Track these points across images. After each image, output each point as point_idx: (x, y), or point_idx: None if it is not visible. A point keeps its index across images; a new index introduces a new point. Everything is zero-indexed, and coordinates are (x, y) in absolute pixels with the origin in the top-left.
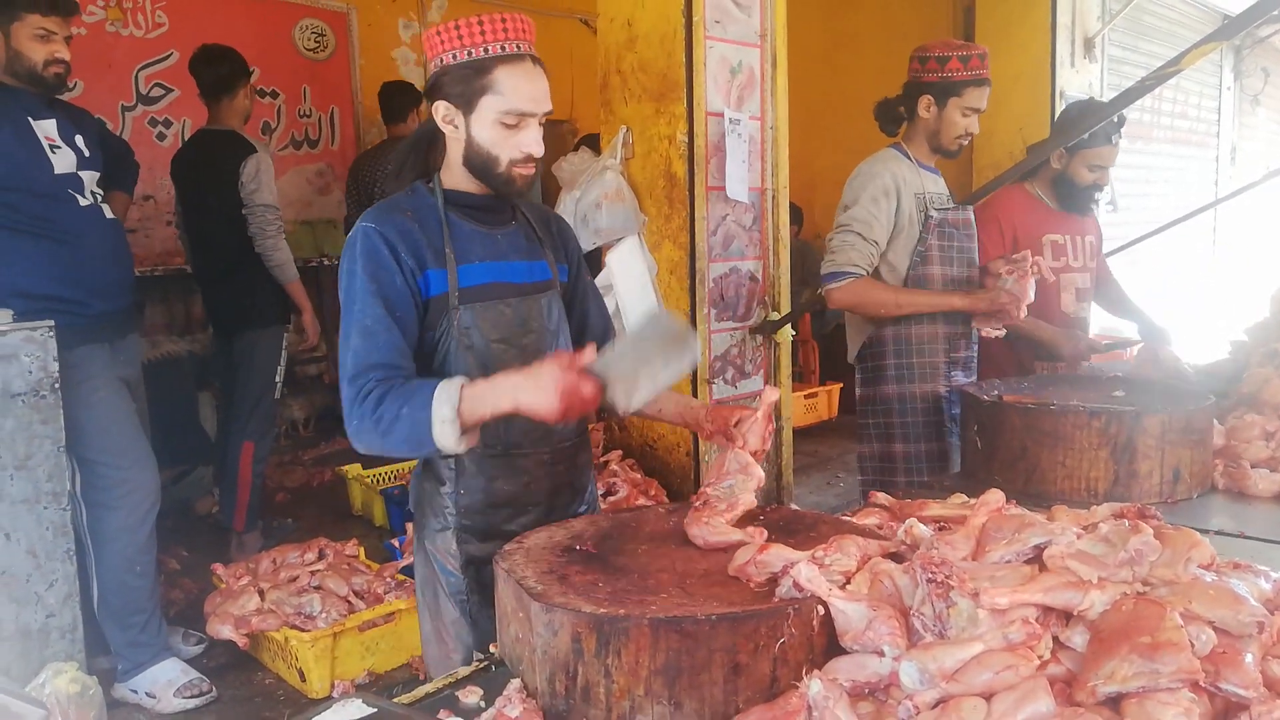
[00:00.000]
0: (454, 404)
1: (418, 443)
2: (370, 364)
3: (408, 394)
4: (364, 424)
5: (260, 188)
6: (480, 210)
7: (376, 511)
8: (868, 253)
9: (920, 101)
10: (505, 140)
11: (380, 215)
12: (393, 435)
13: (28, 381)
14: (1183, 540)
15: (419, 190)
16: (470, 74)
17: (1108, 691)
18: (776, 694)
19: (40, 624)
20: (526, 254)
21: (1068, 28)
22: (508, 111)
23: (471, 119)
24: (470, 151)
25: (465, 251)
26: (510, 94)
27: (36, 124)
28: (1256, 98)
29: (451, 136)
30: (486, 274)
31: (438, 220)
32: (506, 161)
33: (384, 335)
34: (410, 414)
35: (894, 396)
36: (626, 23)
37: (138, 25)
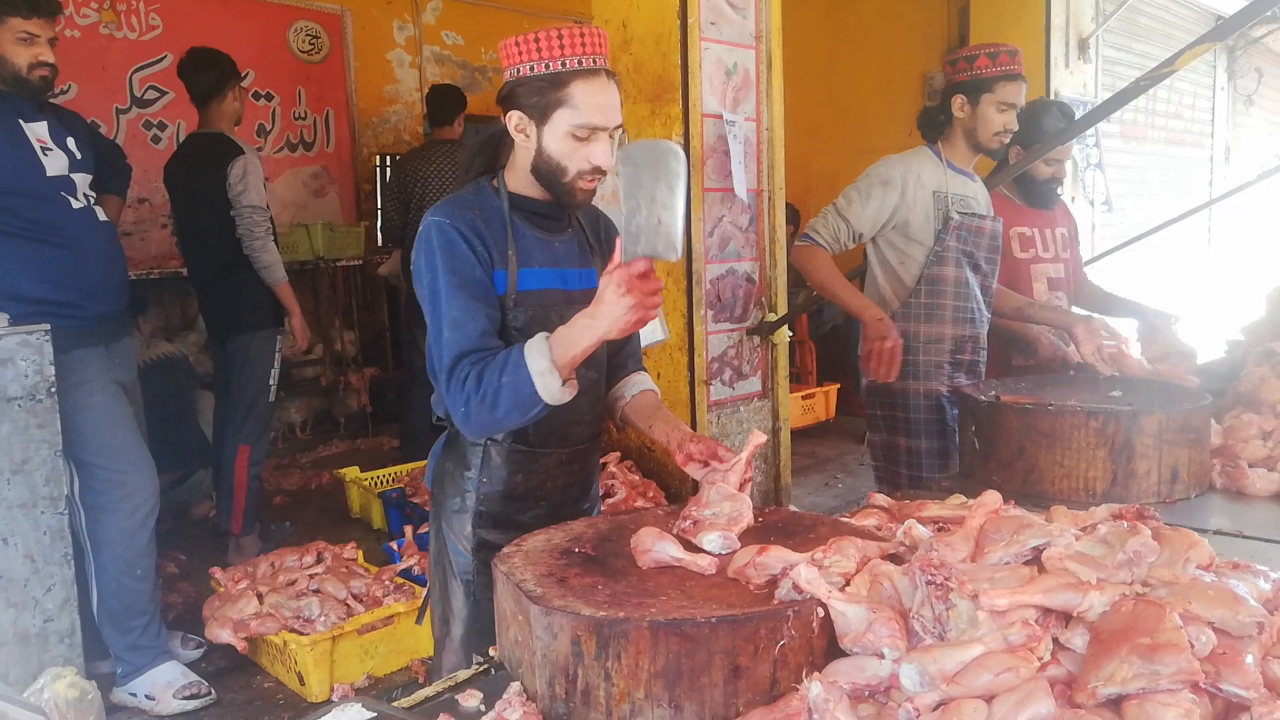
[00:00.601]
0: (547, 355)
1: (526, 404)
2: (462, 353)
3: (501, 364)
4: (471, 405)
5: (248, 189)
6: (541, 216)
7: (375, 514)
8: (834, 227)
9: (954, 102)
10: (575, 152)
11: (452, 210)
12: (500, 405)
13: (24, 386)
14: (1181, 541)
15: (484, 190)
16: (546, 86)
17: (1108, 693)
18: (777, 696)
19: (38, 629)
20: (579, 261)
21: (1062, 29)
22: (581, 125)
23: (544, 130)
24: (539, 160)
25: (526, 255)
26: (584, 108)
27: (28, 126)
28: (1250, 98)
29: (521, 144)
30: (543, 280)
31: (502, 222)
32: (574, 173)
33: (472, 324)
34: (511, 379)
35: (898, 391)
36: (621, 24)
37: (131, 28)
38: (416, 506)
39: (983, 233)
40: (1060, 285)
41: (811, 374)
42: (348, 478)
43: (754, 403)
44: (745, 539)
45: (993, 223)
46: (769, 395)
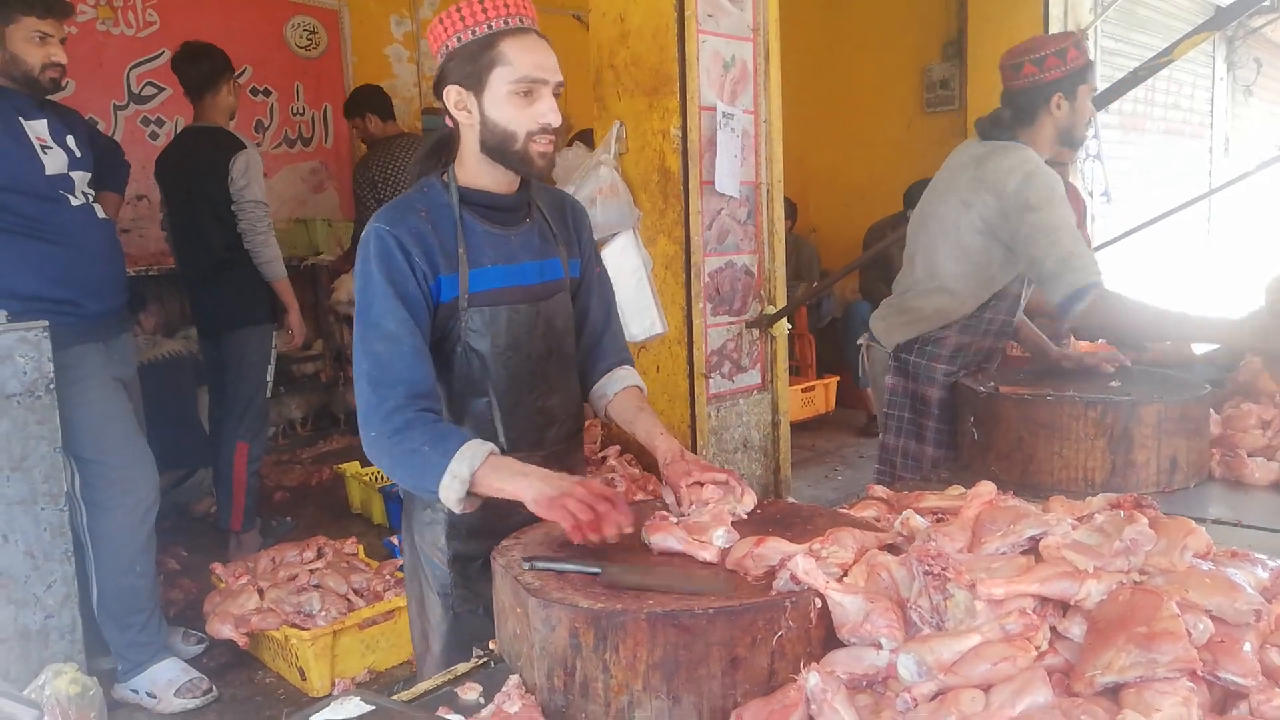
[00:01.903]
0: (473, 466)
1: (420, 482)
2: (397, 374)
3: (435, 436)
4: (380, 440)
5: (250, 184)
6: (495, 209)
7: (375, 509)
8: (1089, 252)
9: (1052, 101)
10: (520, 113)
11: (394, 216)
12: (402, 465)
13: (23, 382)
14: (1178, 528)
15: (433, 187)
16: (477, 50)
17: (1105, 682)
18: (774, 687)
19: (39, 625)
20: (539, 253)
21: (1060, 20)
22: (519, 80)
23: (484, 98)
24: (486, 133)
25: (477, 254)
26: (519, 63)
27: (28, 124)
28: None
29: (466, 123)
30: (497, 278)
31: (452, 220)
32: (524, 135)
33: (408, 340)
34: (429, 454)
35: (934, 401)
36: (619, 17)
37: (129, 24)
38: None
39: None
40: None
41: (811, 367)
42: (348, 473)
43: (753, 396)
44: (744, 530)
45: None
46: (768, 388)
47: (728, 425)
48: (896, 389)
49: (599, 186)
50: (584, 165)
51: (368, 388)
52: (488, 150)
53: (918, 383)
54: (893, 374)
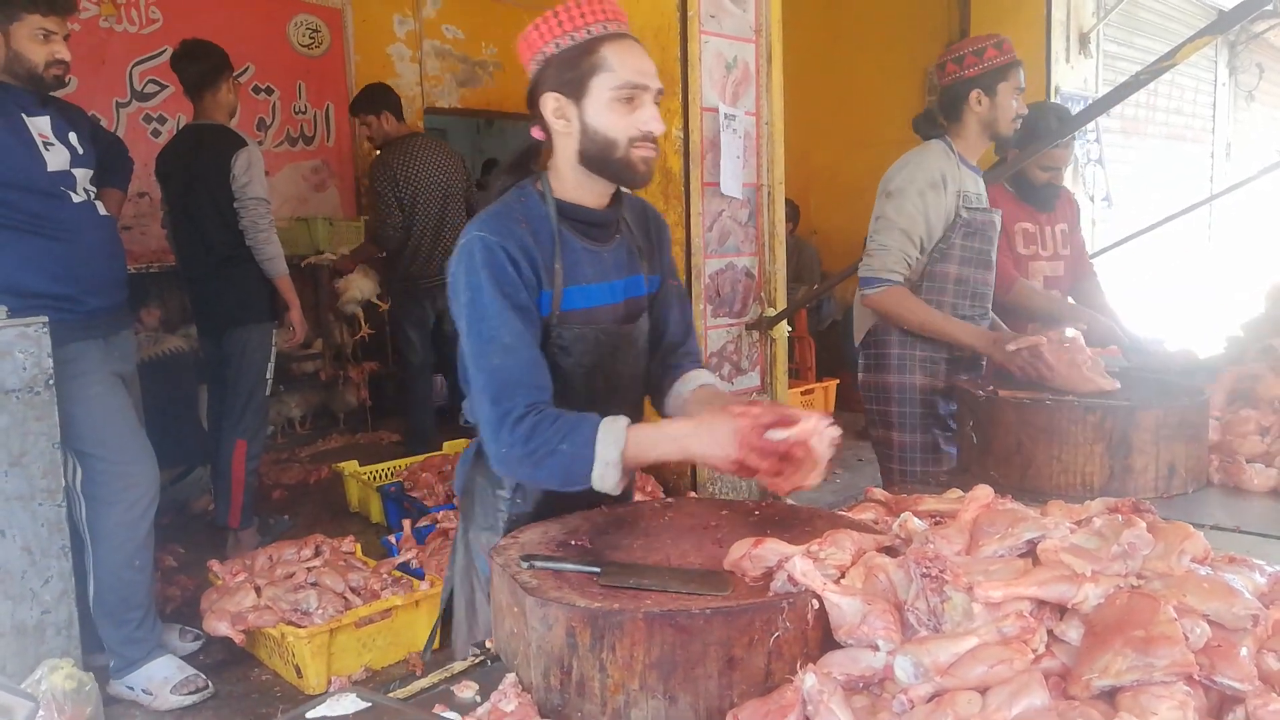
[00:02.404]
0: (620, 446)
1: (572, 480)
2: (516, 382)
3: (567, 428)
4: (514, 451)
5: (252, 181)
6: (590, 225)
7: (373, 508)
8: (905, 254)
9: (970, 98)
10: (622, 119)
11: (499, 227)
12: (545, 467)
13: (22, 378)
14: (1175, 533)
15: (530, 197)
16: (577, 56)
17: (1102, 685)
18: (771, 688)
19: (36, 620)
20: (627, 269)
21: (1062, 23)
22: (622, 86)
23: (584, 104)
24: (586, 141)
25: (573, 271)
26: (621, 69)
27: (30, 121)
28: (1251, 93)
29: (563, 132)
30: (590, 297)
31: (550, 234)
32: (625, 142)
33: (525, 352)
34: (570, 450)
35: (894, 386)
36: None
37: (131, 21)
38: (415, 500)
39: (985, 226)
40: (1056, 285)
41: (810, 369)
42: (346, 472)
43: (753, 397)
44: (744, 532)
45: (992, 214)
46: (768, 390)
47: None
48: (866, 384)
49: None
50: None
51: (489, 404)
52: (587, 160)
53: (879, 373)
54: (861, 370)
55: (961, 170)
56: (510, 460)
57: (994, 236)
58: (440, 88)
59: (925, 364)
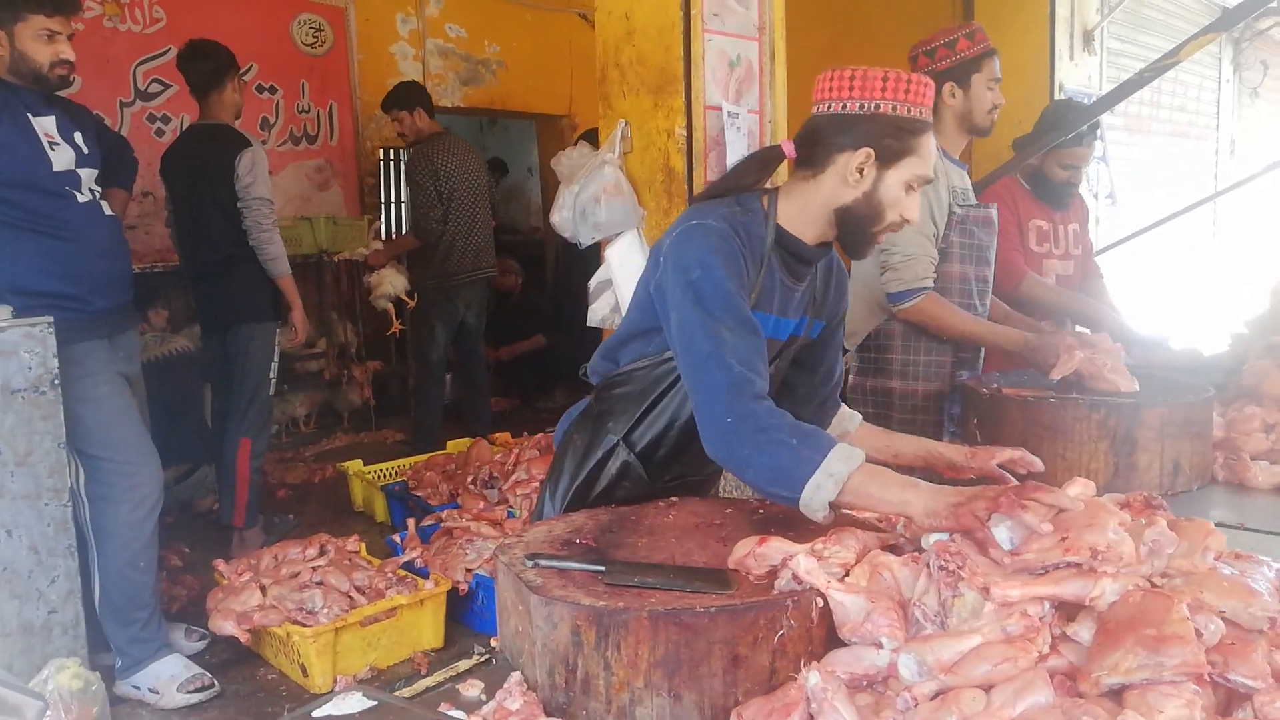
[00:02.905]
0: (851, 467)
1: (779, 479)
2: (753, 362)
3: (804, 431)
4: (744, 424)
5: (256, 181)
6: (797, 260)
7: (378, 507)
8: (930, 257)
9: (943, 91)
10: (899, 202)
11: (727, 223)
12: (764, 453)
13: (27, 378)
14: (1197, 530)
15: (754, 214)
16: (905, 132)
17: (1111, 683)
18: (775, 686)
19: (42, 620)
20: (804, 310)
21: (1066, 20)
22: (919, 177)
23: (887, 174)
24: (862, 204)
25: (765, 298)
26: (926, 161)
27: (36, 120)
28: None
29: (845, 183)
30: (768, 328)
31: (760, 256)
32: (886, 224)
33: (755, 338)
34: (799, 449)
35: (895, 392)
36: (624, 16)
37: (135, 21)
38: (419, 499)
39: (981, 222)
40: (1067, 284)
41: None
42: (351, 471)
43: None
44: (747, 531)
45: (987, 209)
46: None
47: None
48: (858, 387)
49: (603, 186)
50: (588, 165)
51: (723, 372)
52: (847, 215)
53: (877, 377)
54: (854, 373)
55: (946, 165)
56: (733, 431)
57: (992, 231)
58: (443, 86)
59: (929, 369)
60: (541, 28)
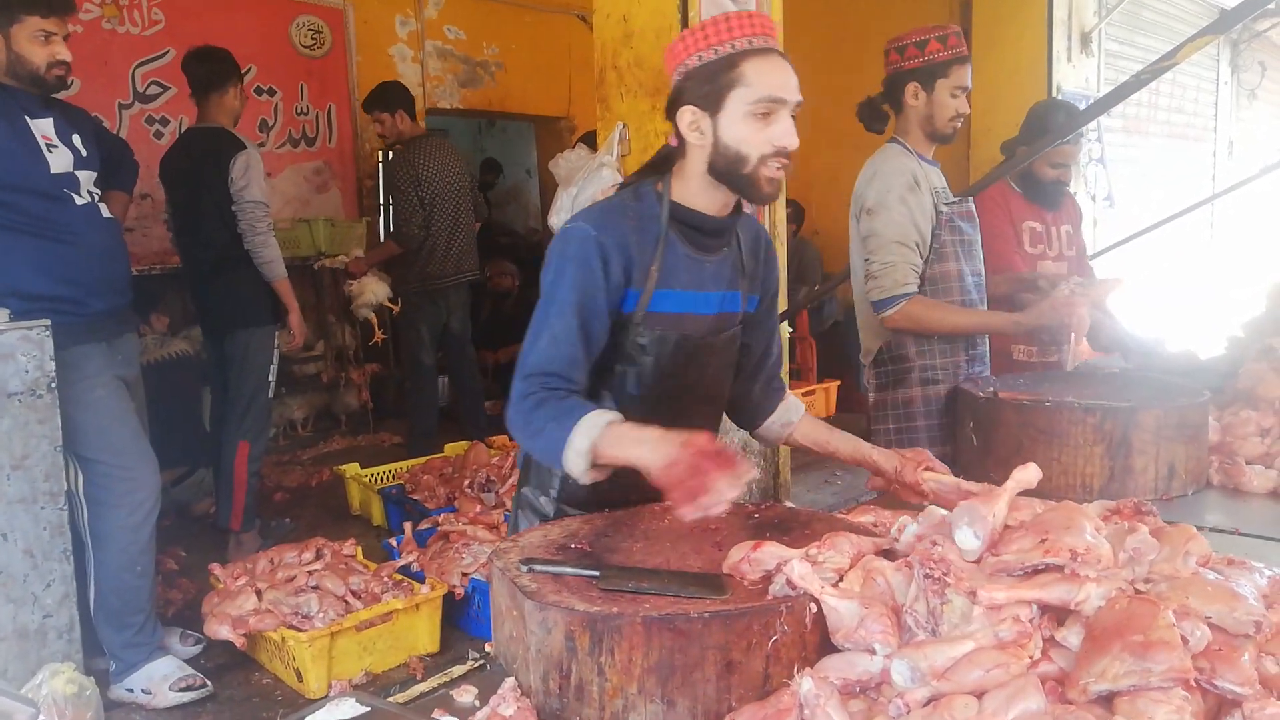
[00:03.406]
0: (591, 438)
1: (551, 458)
2: (546, 371)
3: (561, 411)
4: (517, 420)
5: (250, 184)
6: (701, 233)
7: (374, 511)
8: (911, 263)
9: (907, 90)
10: (756, 134)
11: (603, 220)
12: (535, 442)
13: (24, 381)
14: (1179, 535)
15: (647, 196)
16: (717, 70)
17: (1100, 690)
18: (769, 692)
19: (37, 624)
20: (726, 284)
21: (1064, 22)
22: (758, 100)
23: (719, 119)
24: (717, 155)
25: (669, 275)
26: (759, 84)
27: (34, 123)
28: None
29: (696, 144)
30: (680, 303)
31: (656, 235)
32: (756, 159)
33: (568, 349)
34: (554, 431)
35: (918, 400)
36: (622, 18)
37: (134, 23)
38: (416, 503)
39: (964, 217)
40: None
41: (812, 370)
42: (348, 474)
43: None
44: (741, 536)
45: (966, 204)
46: None
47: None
48: (880, 403)
49: (601, 188)
50: (587, 167)
51: (519, 377)
52: (715, 172)
53: (897, 389)
54: (874, 389)
55: (924, 167)
56: (515, 429)
57: (975, 224)
58: (442, 88)
59: (946, 370)
60: (540, 30)
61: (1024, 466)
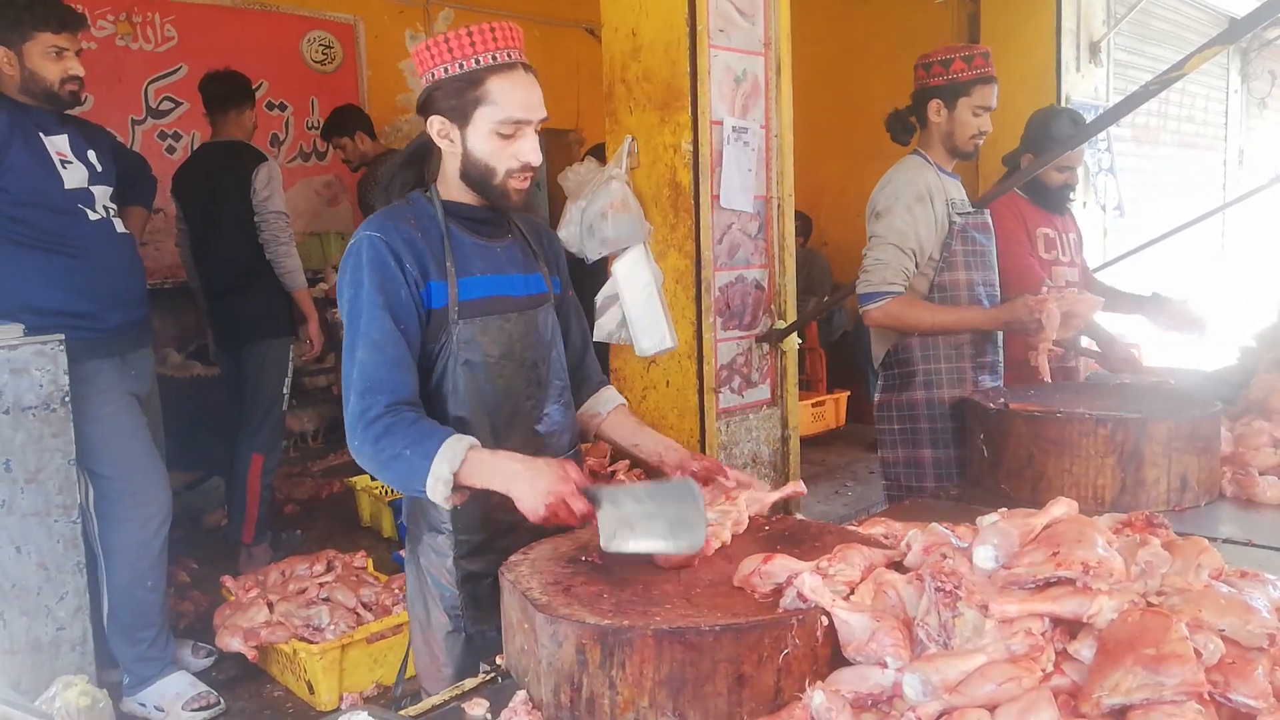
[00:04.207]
0: (454, 467)
1: (408, 485)
2: (378, 384)
3: (415, 437)
4: (364, 448)
5: (272, 195)
6: (479, 222)
7: (385, 523)
8: (903, 266)
9: (930, 106)
10: (502, 151)
11: (384, 223)
12: (388, 470)
13: (38, 395)
14: (1191, 548)
15: (418, 200)
16: (463, 86)
17: (1112, 703)
18: (780, 705)
19: (51, 637)
20: (524, 267)
21: (1073, 32)
22: (503, 121)
23: (467, 132)
24: (467, 164)
25: (465, 264)
26: (504, 103)
27: (48, 140)
28: (1264, 100)
29: (448, 151)
30: (486, 287)
31: (439, 231)
32: (504, 172)
33: (391, 350)
34: (411, 459)
35: (922, 402)
36: (631, 32)
37: (147, 39)
38: None
39: (979, 228)
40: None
41: (821, 381)
42: (358, 486)
43: (763, 410)
44: (754, 548)
45: (982, 215)
46: (778, 403)
47: (737, 440)
48: (884, 404)
49: (610, 201)
50: (595, 180)
51: (353, 396)
52: (467, 179)
53: (902, 392)
54: (880, 391)
55: (943, 179)
56: (361, 457)
57: (990, 236)
58: None
59: (951, 375)
60: (548, 43)
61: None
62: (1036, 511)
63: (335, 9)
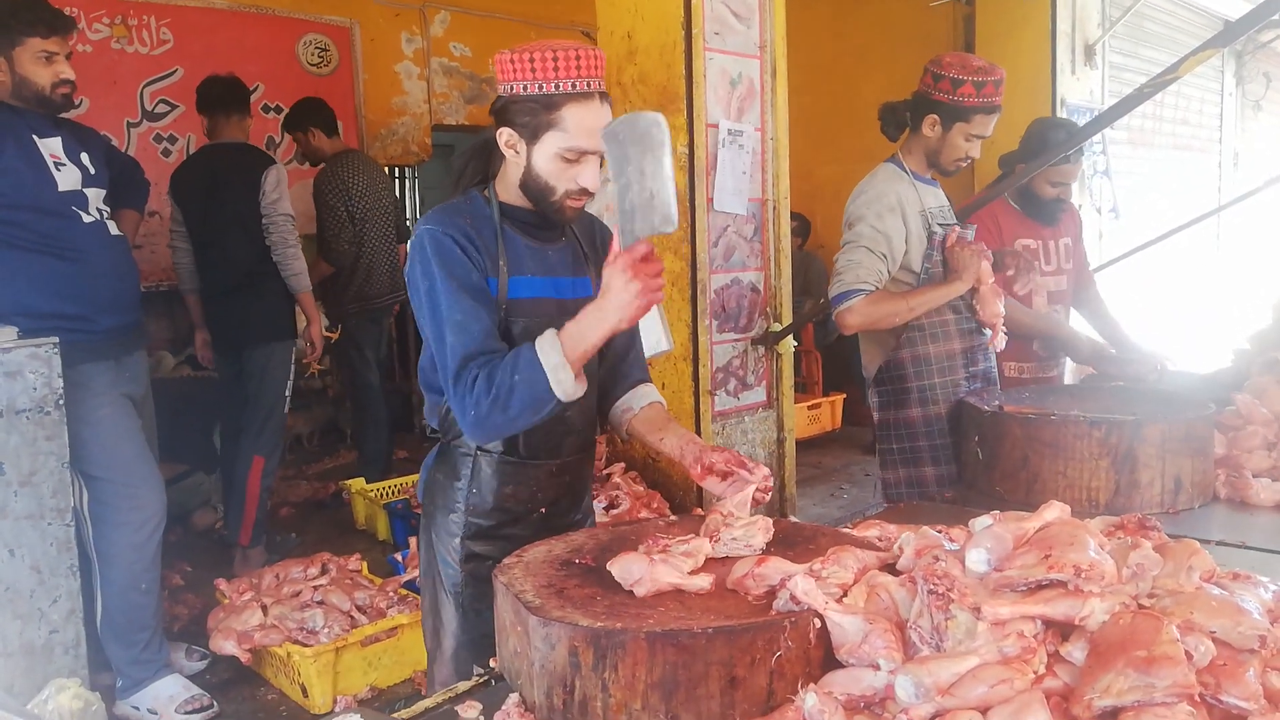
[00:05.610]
0: (559, 350)
1: (540, 402)
2: (468, 355)
3: (512, 363)
4: (482, 406)
5: (281, 198)
6: (533, 225)
7: (380, 526)
8: (876, 268)
9: (926, 119)
10: (563, 173)
11: (443, 219)
12: (513, 405)
13: (32, 398)
14: (1183, 550)
15: (475, 200)
16: (538, 108)
17: (1104, 705)
18: (773, 707)
19: (44, 640)
20: (573, 270)
21: (1068, 35)
22: (570, 148)
23: (534, 149)
24: (528, 179)
25: (517, 264)
26: (574, 131)
27: (41, 142)
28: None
29: (512, 160)
30: (536, 288)
31: (493, 231)
32: (561, 193)
33: (475, 325)
34: (524, 376)
35: (919, 420)
36: (626, 35)
37: (143, 42)
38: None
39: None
40: (1060, 299)
41: (817, 384)
42: (353, 489)
43: (759, 413)
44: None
45: (966, 229)
46: (774, 405)
47: (733, 442)
48: (884, 423)
49: (606, 203)
50: None
51: (451, 384)
52: (526, 190)
53: (898, 409)
54: (877, 408)
55: (919, 188)
56: (482, 418)
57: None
58: (448, 105)
59: (945, 390)
60: None
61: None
62: (1029, 514)
63: (331, 12)
